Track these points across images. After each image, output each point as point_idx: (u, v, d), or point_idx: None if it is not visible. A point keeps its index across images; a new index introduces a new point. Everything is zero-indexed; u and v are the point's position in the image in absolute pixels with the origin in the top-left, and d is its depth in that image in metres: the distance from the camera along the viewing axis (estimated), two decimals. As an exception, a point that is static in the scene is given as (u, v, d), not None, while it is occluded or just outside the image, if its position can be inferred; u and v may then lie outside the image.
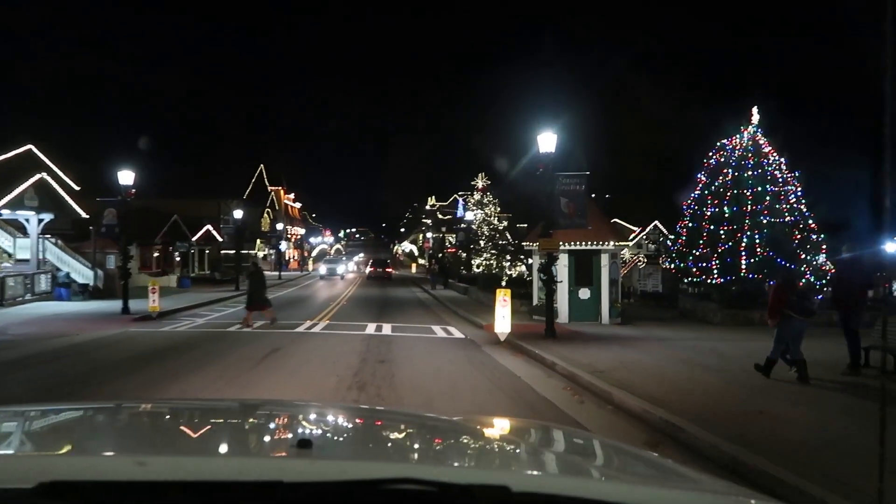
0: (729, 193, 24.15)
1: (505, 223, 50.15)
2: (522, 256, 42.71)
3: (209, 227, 52.69)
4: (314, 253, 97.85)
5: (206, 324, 19.03)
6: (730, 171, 24.37)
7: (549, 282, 14.77)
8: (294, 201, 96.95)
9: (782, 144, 24.54)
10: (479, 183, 53.14)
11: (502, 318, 14.64)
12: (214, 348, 13.86)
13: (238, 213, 37.74)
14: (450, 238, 67.11)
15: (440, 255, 63.78)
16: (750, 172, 23.94)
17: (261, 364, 11.55)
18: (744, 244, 23.20)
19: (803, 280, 23.19)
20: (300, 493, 1.18)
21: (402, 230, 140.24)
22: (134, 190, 21.47)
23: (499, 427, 2.52)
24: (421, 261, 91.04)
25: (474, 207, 48.60)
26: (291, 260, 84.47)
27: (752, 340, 13.63)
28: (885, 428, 1.90)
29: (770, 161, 24.15)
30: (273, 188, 78.47)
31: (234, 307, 25.44)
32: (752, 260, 23.20)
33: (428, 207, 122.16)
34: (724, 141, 25.38)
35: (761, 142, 24.37)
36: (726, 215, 24.07)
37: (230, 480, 1.24)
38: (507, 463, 1.84)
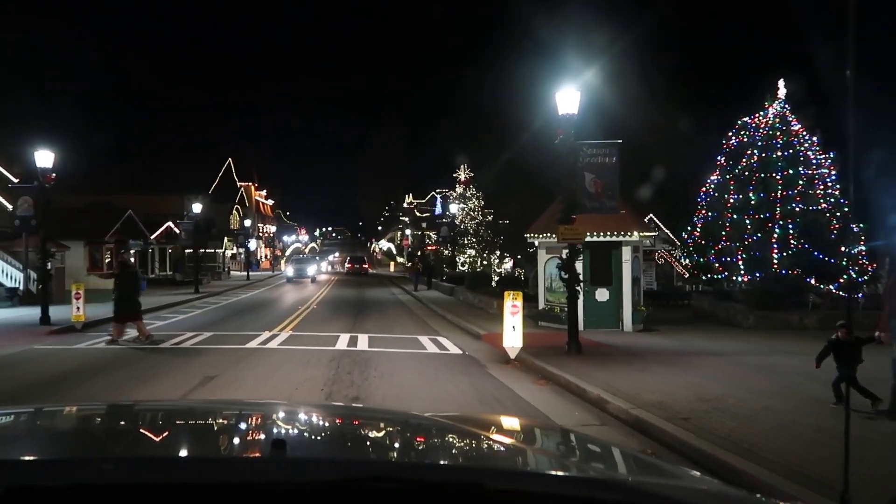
0: (755, 178, 21.12)
1: (490, 217, 46.91)
2: (512, 253, 39.52)
3: (170, 224, 48.60)
4: (287, 252, 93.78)
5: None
6: (755, 152, 21.32)
7: (573, 282, 11.48)
8: (266, 198, 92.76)
9: (813, 122, 21.55)
10: (462, 175, 49.84)
11: (512, 330, 11.32)
12: (129, 374, 10.40)
13: (197, 208, 33.93)
14: (431, 235, 63.70)
15: (419, 252, 60.36)
16: (779, 153, 20.94)
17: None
18: (776, 235, 20.14)
19: (844, 277, 20.31)
20: (274, 494, 1.14)
21: (380, 228, 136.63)
22: (54, 175, 17.77)
23: (476, 424, 2.36)
24: (399, 259, 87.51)
25: (457, 201, 45.23)
26: (263, 259, 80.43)
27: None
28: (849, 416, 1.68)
29: (801, 140, 21.15)
30: (243, 184, 74.33)
31: (186, 313, 21.82)
32: (785, 253, 20.18)
33: (405, 205, 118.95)
34: (746, 119, 22.36)
35: (790, 118, 21.37)
36: (752, 202, 21.02)
37: (202, 482, 1.19)
38: (481, 460, 1.82)
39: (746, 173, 21.20)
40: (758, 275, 20.41)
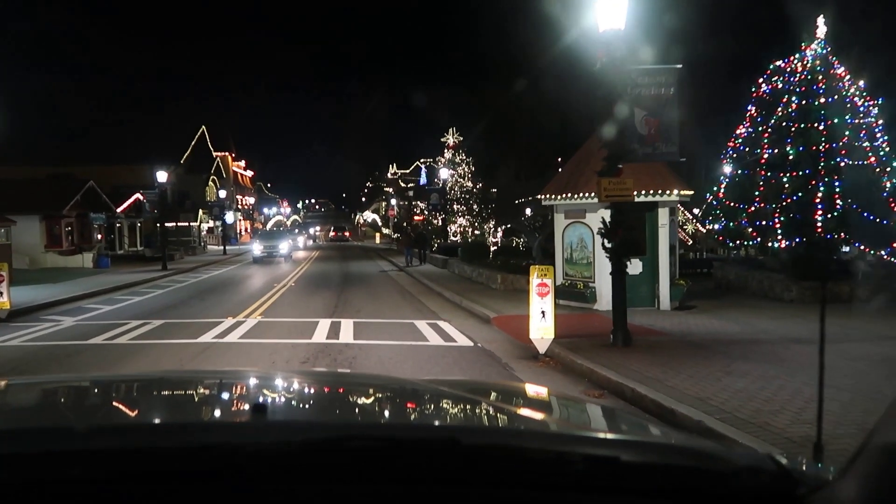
0: (794, 129, 18.43)
1: (480, 184, 44.03)
2: (505, 221, 36.73)
3: (139, 196, 45.30)
4: (268, 225, 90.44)
5: (75, 326, 12.69)
6: (794, 99, 18.60)
7: (619, 253, 8.77)
8: (245, 169, 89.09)
9: (858, 65, 18.85)
10: (450, 139, 46.85)
11: (541, 318, 8.65)
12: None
13: (162, 177, 30.71)
14: (419, 204, 60.76)
15: (406, 224, 57.45)
16: (822, 100, 18.18)
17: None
18: (819, 194, 17.53)
19: (898, 240, 17.82)
20: (251, 456, 1.13)
21: (364, 200, 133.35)
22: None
23: (457, 387, 2.35)
24: (385, 230, 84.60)
25: (446, 166, 42.24)
26: (243, 233, 77.13)
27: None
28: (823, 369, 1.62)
29: (846, 86, 18.45)
30: (219, 154, 70.62)
31: (143, 295, 18.96)
32: (830, 215, 17.62)
33: (389, 175, 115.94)
34: (780, 63, 19.58)
35: (832, 59, 18.64)
36: (790, 158, 18.36)
37: (182, 446, 1.18)
38: (459, 419, 1.81)
39: (784, 124, 18.50)
40: (799, 239, 17.83)
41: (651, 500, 1.09)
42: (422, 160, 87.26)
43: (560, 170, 17.94)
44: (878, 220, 17.34)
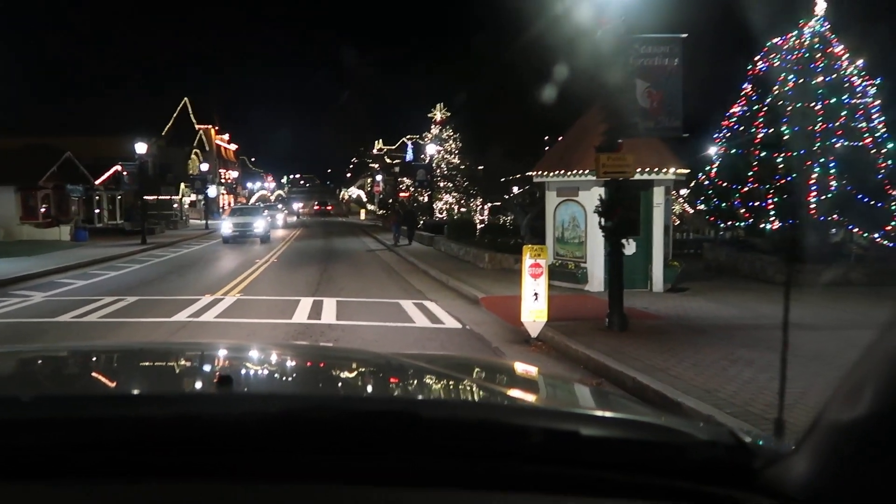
0: (790, 108, 18.04)
1: (468, 161, 43.41)
2: (492, 199, 36.24)
3: (119, 168, 44.14)
4: (252, 200, 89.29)
5: (44, 302, 12.14)
6: (792, 77, 18.18)
7: (616, 233, 8.35)
8: (229, 142, 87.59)
9: (857, 44, 18.43)
10: (438, 115, 46.11)
11: (534, 299, 8.23)
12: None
13: (141, 148, 29.83)
14: (405, 180, 60.01)
15: (392, 200, 56.76)
16: (820, 79, 17.79)
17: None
18: (814, 176, 17.21)
19: (892, 224, 17.60)
20: (213, 427, 1.13)
21: (349, 175, 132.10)
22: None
23: (425, 360, 2.31)
24: (371, 206, 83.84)
25: (433, 141, 41.59)
26: (226, 207, 76.00)
27: None
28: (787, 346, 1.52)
29: (843, 65, 18.04)
30: (202, 126, 69.06)
31: (120, 269, 18.36)
32: (824, 196, 17.32)
33: (375, 151, 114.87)
34: (777, 40, 19.11)
35: (830, 38, 18.21)
36: (785, 138, 17.99)
37: (143, 416, 1.17)
38: (423, 392, 1.81)
39: (781, 103, 18.09)
40: (791, 221, 17.55)
41: (608, 472, 1.10)
42: (408, 136, 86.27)
43: (547, 149, 17.49)
44: (872, 202, 17.07)
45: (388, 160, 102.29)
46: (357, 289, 13.94)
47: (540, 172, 13.71)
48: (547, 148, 26.19)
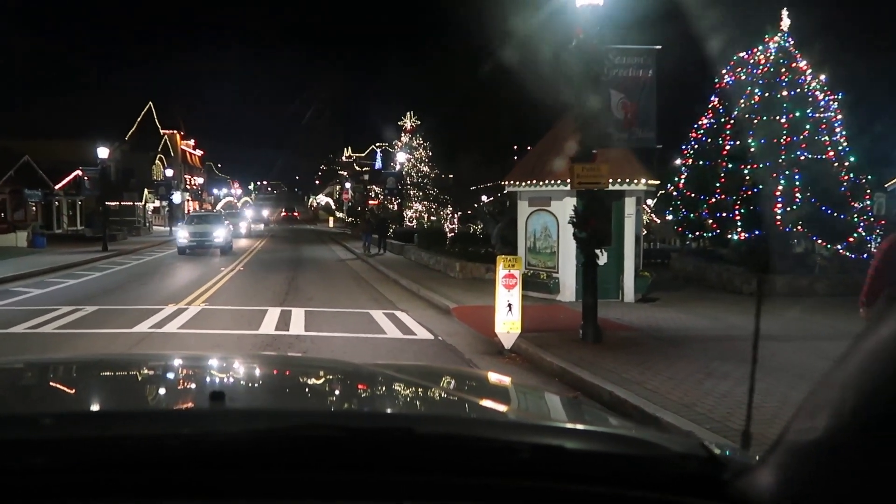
0: (756, 121, 18.32)
1: (437, 171, 43.33)
2: (462, 208, 36.17)
3: (80, 172, 43.05)
4: (218, 206, 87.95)
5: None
6: (757, 91, 18.48)
7: (591, 243, 8.28)
8: (195, 148, 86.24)
9: (819, 59, 18.83)
10: (408, 123, 46.02)
11: (507, 311, 8.12)
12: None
13: (104, 153, 29.11)
14: (374, 189, 59.67)
15: (361, 208, 56.38)
16: (785, 93, 18.12)
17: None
18: (780, 187, 17.48)
19: (854, 235, 17.95)
20: (207, 444, 1.11)
21: (317, 182, 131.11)
22: None
23: (415, 373, 2.41)
24: (339, 214, 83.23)
25: (403, 149, 41.43)
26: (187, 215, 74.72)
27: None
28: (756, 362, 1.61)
29: (807, 79, 18.40)
30: (167, 131, 67.91)
31: (79, 277, 17.78)
32: (789, 208, 17.59)
33: (344, 158, 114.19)
34: (743, 55, 19.43)
35: (794, 53, 18.57)
36: (752, 150, 18.25)
37: (140, 435, 1.14)
38: (415, 407, 1.84)
39: (748, 115, 18.36)
40: (756, 232, 17.79)
41: (590, 484, 1.13)
42: (377, 144, 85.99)
43: (516, 158, 17.43)
44: (835, 214, 17.40)
45: (357, 168, 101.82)
46: (326, 298, 13.68)
47: (512, 182, 13.66)
48: (516, 157, 26.26)
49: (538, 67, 12.16)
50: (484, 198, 33.69)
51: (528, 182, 12.99)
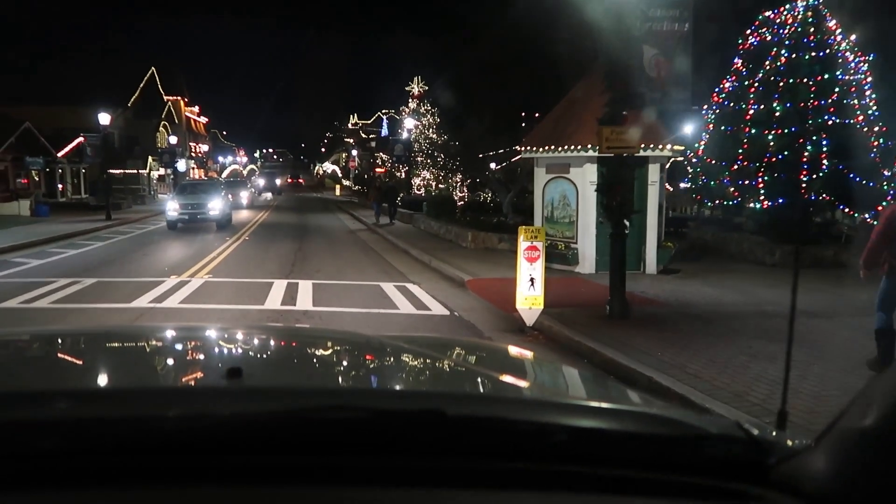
0: (782, 84, 17.49)
1: (445, 137, 42.48)
2: (472, 175, 35.42)
3: (82, 139, 42.41)
4: (224, 174, 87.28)
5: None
6: (784, 52, 17.61)
7: (619, 213, 7.68)
8: (199, 115, 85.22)
9: (850, 19, 17.90)
10: (415, 89, 45.09)
11: (529, 286, 7.55)
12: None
13: (105, 119, 28.43)
14: (381, 156, 58.85)
15: (368, 175, 55.63)
16: (812, 54, 17.25)
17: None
18: (807, 153, 16.75)
19: (883, 204, 17.23)
20: (227, 426, 1.05)
21: (323, 150, 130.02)
22: None
23: (439, 347, 2.33)
24: (346, 182, 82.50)
25: (411, 115, 40.56)
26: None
27: None
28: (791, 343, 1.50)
29: (837, 40, 17.51)
30: (170, 98, 66.91)
31: (81, 247, 17.31)
32: (816, 175, 16.89)
33: (350, 126, 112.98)
34: (769, 14, 18.51)
35: (824, 12, 17.65)
36: (777, 114, 17.47)
37: (149, 415, 1.07)
38: (443, 385, 1.76)
39: (773, 78, 17.53)
40: (782, 200, 17.10)
41: (631, 469, 1.06)
42: (384, 111, 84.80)
43: (523, 125, 16.72)
44: (864, 181, 16.68)
45: (363, 135, 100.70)
46: (334, 268, 13.15)
47: (528, 147, 12.99)
48: (524, 125, 25.44)
49: (560, 22, 11.44)
50: (493, 165, 32.96)
51: (547, 147, 12.32)
